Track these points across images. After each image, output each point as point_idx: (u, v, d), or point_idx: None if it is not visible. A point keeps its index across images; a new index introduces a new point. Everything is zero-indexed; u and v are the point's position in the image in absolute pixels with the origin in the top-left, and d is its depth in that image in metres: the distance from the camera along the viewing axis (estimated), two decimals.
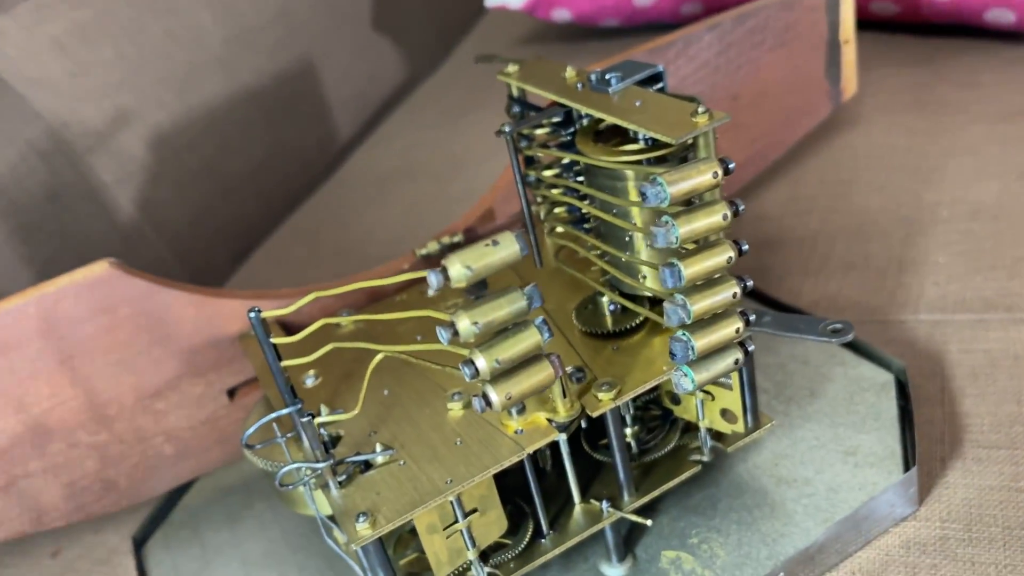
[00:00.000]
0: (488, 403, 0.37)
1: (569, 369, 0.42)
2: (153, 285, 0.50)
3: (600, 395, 0.40)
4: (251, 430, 0.42)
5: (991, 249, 0.61)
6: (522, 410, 0.41)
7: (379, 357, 0.40)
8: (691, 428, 0.47)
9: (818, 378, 0.52)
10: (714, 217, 0.38)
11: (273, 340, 0.39)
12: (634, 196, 0.42)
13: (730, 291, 0.38)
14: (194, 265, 0.86)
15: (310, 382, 0.48)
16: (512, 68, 0.50)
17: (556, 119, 0.47)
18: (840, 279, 0.62)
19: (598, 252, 0.46)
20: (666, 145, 0.41)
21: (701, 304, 0.38)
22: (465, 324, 0.35)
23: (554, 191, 0.48)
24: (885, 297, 0.60)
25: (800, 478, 0.46)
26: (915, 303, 0.59)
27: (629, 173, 0.42)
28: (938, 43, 0.85)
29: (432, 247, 0.56)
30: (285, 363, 0.40)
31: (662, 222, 0.37)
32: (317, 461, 0.39)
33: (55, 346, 0.48)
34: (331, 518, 0.43)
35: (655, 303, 0.44)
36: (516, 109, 0.52)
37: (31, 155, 0.75)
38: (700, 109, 0.39)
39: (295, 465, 0.39)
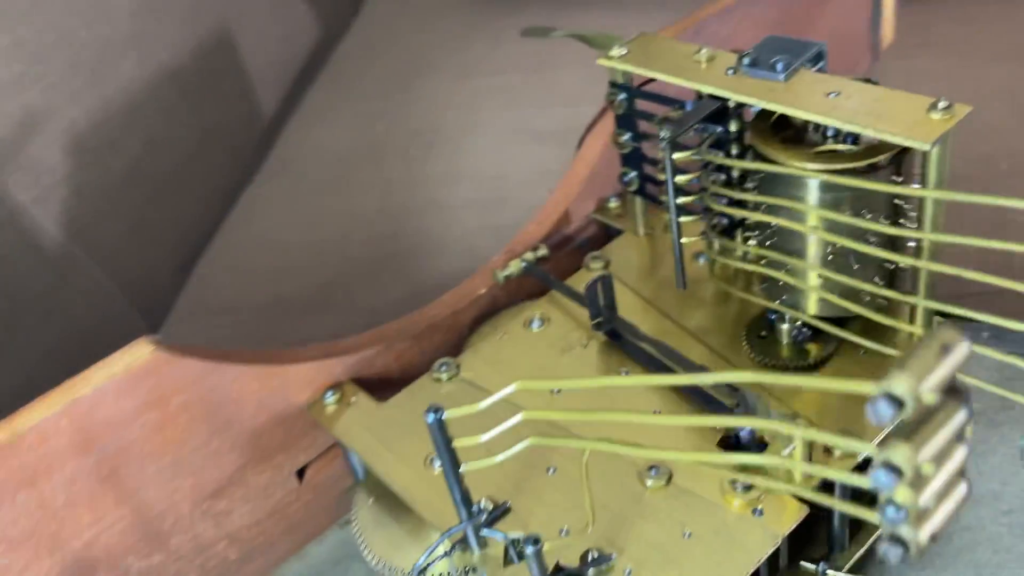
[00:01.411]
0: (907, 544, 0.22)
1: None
2: (209, 364, 0.39)
3: (838, 452, 0.34)
4: (424, 558, 0.33)
5: None
6: (748, 486, 0.34)
7: (587, 452, 0.32)
8: None
9: None
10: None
11: (456, 444, 0.30)
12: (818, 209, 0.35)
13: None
14: (137, 285, 0.72)
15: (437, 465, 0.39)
16: (617, 51, 0.42)
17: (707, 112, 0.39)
18: None
19: (765, 262, 0.39)
20: (869, 145, 0.34)
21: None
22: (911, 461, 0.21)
23: (712, 195, 0.40)
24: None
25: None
26: None
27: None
28: None
29: (515, 267, 0.47)
30: (471, 467, 0.31)
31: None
32: None
33: (95, 462, 0.37)
34: None
35: (842, 321, 0.38)
36: (622, 96, 0.43)
37: None
38: (941, 103, 0.32)
39: None
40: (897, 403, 0.20)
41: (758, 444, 0.35)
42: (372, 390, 0.43)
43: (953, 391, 0.21)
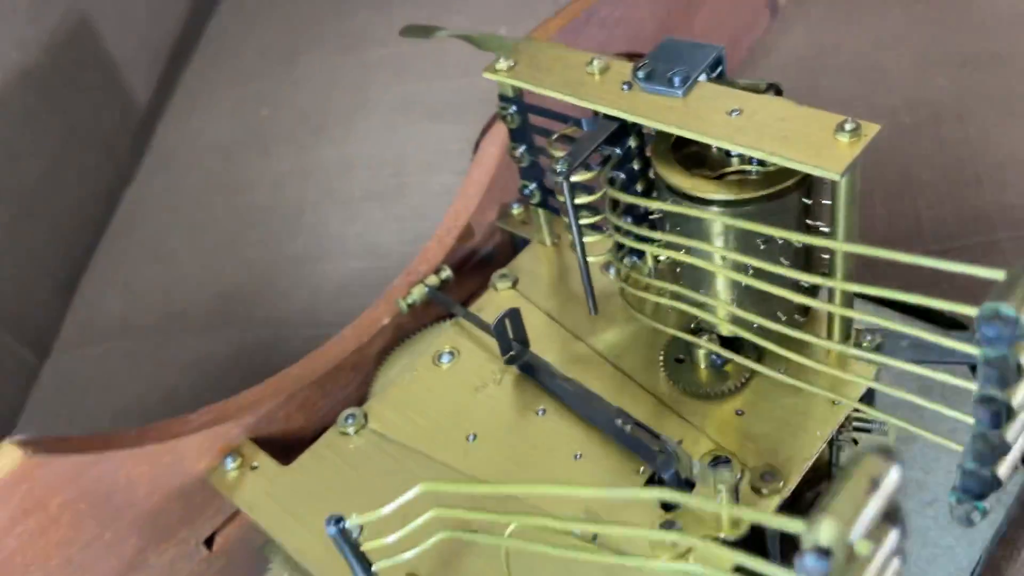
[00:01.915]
0: None
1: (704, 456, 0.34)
2: (89, 456, 0.35)
3: (765, 490, 0.33)
4: None
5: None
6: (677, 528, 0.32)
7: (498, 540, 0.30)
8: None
9: None
10: None
11: (364, 547, 0.28)
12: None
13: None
14: (17, 317, 0.67)
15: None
16: (504, 64, 0.39)
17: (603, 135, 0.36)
18: None
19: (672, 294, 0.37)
20: (778, 168, 0.32)
21: None
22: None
23: (616, 225, 0.38)
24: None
25: None
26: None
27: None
28: None
29: (418, 293, 0.44)
30: (381, 566, 0.29)
31: None
32: None
33: None
34: None
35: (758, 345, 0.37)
36: (513, 109, 0.40)
37: None
38: (848, 124, 0.30)
39: None
40: (826, 554, 0.18)
41: (685, 486, 0.34)
42: (276, 448, 0.40)
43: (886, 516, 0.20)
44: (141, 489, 0.37)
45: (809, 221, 0.34)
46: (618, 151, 0.36)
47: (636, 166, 0.37)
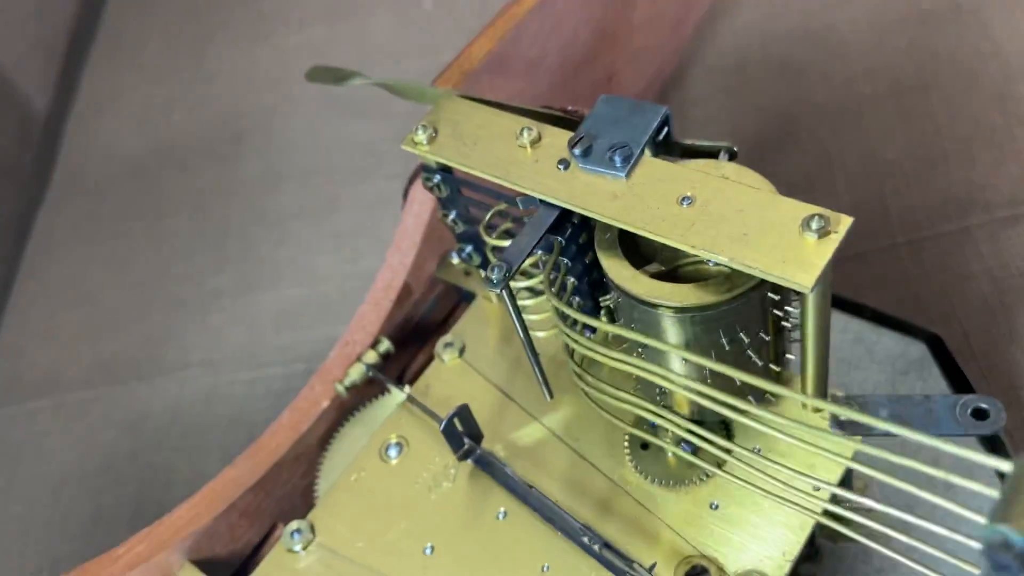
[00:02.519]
0: None
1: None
2: None
3: None
4: None
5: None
6: None
7: None
8: None
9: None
10: None
11: None
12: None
13: None
14: None
15: None
16: (423, 135, 0.34)
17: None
18: None
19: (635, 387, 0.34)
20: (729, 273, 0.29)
21: None
22: None
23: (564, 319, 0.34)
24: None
25: None
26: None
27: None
28: None
29: (357, 374, 0.40)
30: None
31: None
32: None
33: None
34: None
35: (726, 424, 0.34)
36: (438, 179, 0.36)
37: None
38: (814, 221, 0.27)
39: None
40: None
41: None
42: (218, 567, 0.37)
43: None
44: None
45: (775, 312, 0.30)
46: (560, 239, 0.32)
47: (582, 240, 0.33)
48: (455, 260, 0.44)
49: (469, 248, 0.39)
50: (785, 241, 0.27)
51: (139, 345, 0.62)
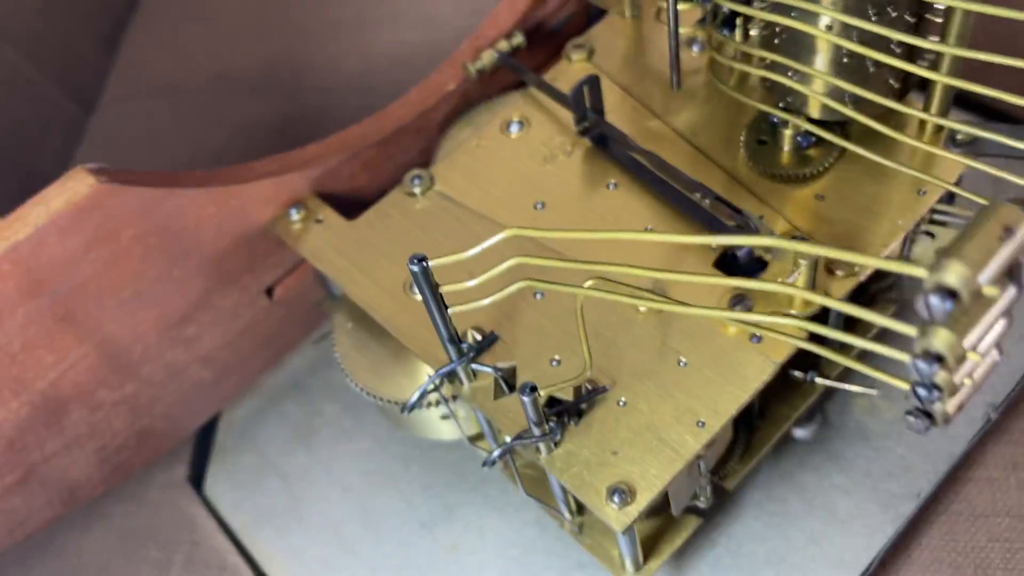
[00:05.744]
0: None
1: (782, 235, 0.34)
2: (159, 191, 0.35)
3: (840, 271, 0.33)
4: (415, 397, 0.32)
5: None
6: (748, 307, 0.32)
7: (580, 294, 0.30)
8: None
9: None
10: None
11: (444, 289, 0.28)
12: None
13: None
14: (62, 70, 0.65)
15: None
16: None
17: None
18: None
19: (768, 62, 0.35)
20: None
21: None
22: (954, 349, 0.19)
23: None
24: None
25: None
26: None
27: None
28: None
29: (488, 59, 0.42)
30: (457, 309, 0.29)
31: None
32: (527, 433, 0.30)
33: (48, 303, 0.34)
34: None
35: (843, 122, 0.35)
36: None
37: None
38: None
39: (510, 446, 0.30)
40: (951, 295, 0.18)
41: (757, 263, 0.33)
42: (339, 203, 0.40)
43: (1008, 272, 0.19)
44: (208, 231, 0.37)
45: None
46: None
47: None
48: None
49: None
50: None
51: (256, 65, 0.64)
